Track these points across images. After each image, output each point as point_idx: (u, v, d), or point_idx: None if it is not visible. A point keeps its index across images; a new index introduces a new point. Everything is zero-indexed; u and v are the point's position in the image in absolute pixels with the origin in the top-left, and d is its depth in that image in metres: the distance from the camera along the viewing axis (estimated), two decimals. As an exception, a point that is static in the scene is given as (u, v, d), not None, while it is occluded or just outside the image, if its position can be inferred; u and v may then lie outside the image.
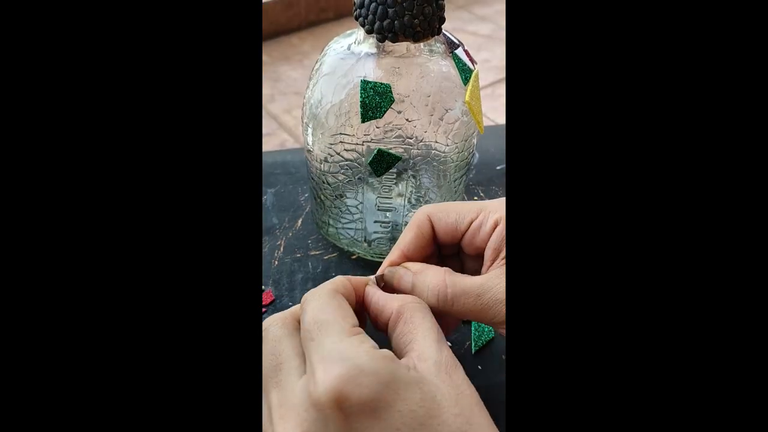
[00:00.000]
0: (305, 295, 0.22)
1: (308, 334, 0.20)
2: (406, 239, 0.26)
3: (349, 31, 0.34)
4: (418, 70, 0.31)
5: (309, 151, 0.35)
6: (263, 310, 0.38)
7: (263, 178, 0.49)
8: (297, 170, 0.50)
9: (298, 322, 0.22)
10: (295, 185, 0.48)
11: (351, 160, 0.34)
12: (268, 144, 1.32)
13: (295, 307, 0.24)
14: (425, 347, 0.20)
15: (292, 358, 0.20)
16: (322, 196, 0.37)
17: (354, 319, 0.21)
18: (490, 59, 1.70)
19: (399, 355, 0.21)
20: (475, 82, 0.32)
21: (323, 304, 0.21)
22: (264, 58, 1.73)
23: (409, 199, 0.37)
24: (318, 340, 0.19)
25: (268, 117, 1.43)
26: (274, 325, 0.22)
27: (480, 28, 1.96)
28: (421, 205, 0.38)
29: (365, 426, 0.17)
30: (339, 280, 0.24)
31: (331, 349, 0.19)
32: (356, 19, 0.30)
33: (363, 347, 0.19)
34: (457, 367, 0.20)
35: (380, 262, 0.40)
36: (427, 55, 0.32)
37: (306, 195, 0.47)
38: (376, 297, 0.23)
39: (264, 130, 1.37)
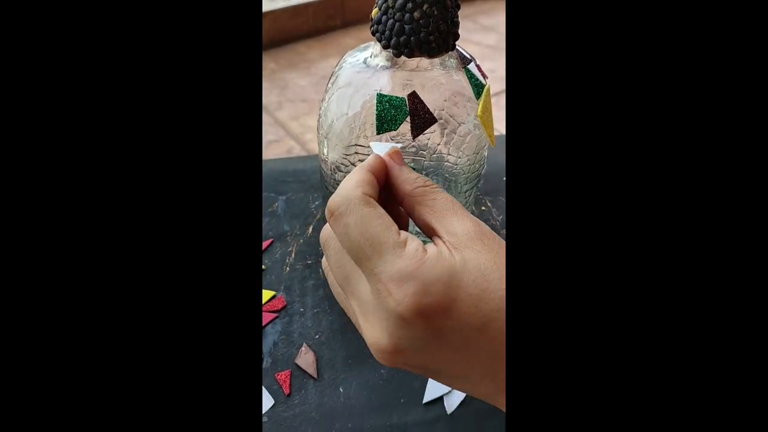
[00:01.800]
0: (333, 207, 0.22)
1: (361, 252, 0.21)
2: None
3: (363, 45, 0.35)
4: (431, 84, 0.32)
5: (324, 160, 0.36)
6: (275, 315, 0.38)
7: (275, 185, 0.50)
8: (308, 178, 0.51)
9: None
10: (306, 193, 0.49)
11: (365, 170, 0.35)
12: (275, 150, 1.33)
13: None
14: (449, 224, 0.22)
15: (354, 270, 0.23)
16: (334, 205, 0.38)
17: (392, 224, 0.22)
18: (496, 69, 1.72)
19: (429, 233, 0.23)
20: (487, 97, 0.33)
21: (364, 218, 0.22)
22: (271, 65, 1.74)
23: (420, 208, 0.38)
24: (374, 258, 0.21)
25: (276, 124, 1.44)
26: (332, 239, 0.24)
27: (485, 38, 1.98)
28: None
29: (442, 322, 0.20)
30: (362, 177, 0.23)
31: (394, 268, 0.21)
32: (373, 34, 0.31)
33: (419, 258, 0.21)
34: (483, 231, 0.22)
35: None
36: (440, 70, 0.32)
37: (317, 202, 0.48)
38: (391, 176, 0.25)
39: (271, 137, 1.38)
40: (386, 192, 0.25)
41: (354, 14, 2.03)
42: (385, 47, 0.31)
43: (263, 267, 0.42)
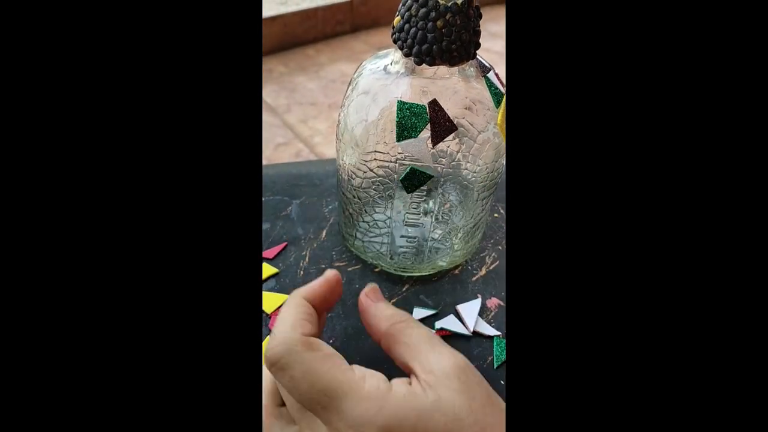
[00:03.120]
0: (273, 358, 0.20)
1: (315, 404, 0.20)
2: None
3: (383, 52, 0.35)
4: (448, 91, 0.32)
5: (341, 166, 0.36)
6: (289, 319, 0.38)
7: (288, 189, 0.50)
8: (321, 182, 0.51)
9: (278, 396, 0.22)
10: (319, 197, 0.49)
11: (383, 176, 0.35)
12: (284, 153, 1.33)
13: (267, 385, 0.23)
14: (426, 361, 0.21)
15: (306, 417, 0.21)
16: (351, 210, 0.38)
17: (344, 362, 0.21)
18: (502, 75, 1.72)
19: (407, 371, 0.22)
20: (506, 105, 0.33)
21: (310, 368, 0.20)
22: (280, 68, 1.75)
23: (437, 216, 0.38)
24: (330, 408, 0.19)
25: (284, 127, 1.44)
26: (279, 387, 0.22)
27: (492, 45, 1.98)
28: (447, 222, 0.39)
29: None
30: (297, 315, 0.22)
31: (354, 414, 0.19)
32: (395, 42, 0.31)
33: (381, 397, 0.19)
34: (462, 367, 0.21)
35: (402, 276, 0.41)
36: (458, 78, 0.33)
37: (330, 207, 0.48)
38: (368, 316, 0.25)
39: (280, 140, 1.39)
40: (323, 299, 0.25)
41: (363, 19, 2.03)
42: (406, 55, 0.31)
43: (277, 271, 0.42)
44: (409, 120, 0.31)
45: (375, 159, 0.34)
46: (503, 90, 0.34)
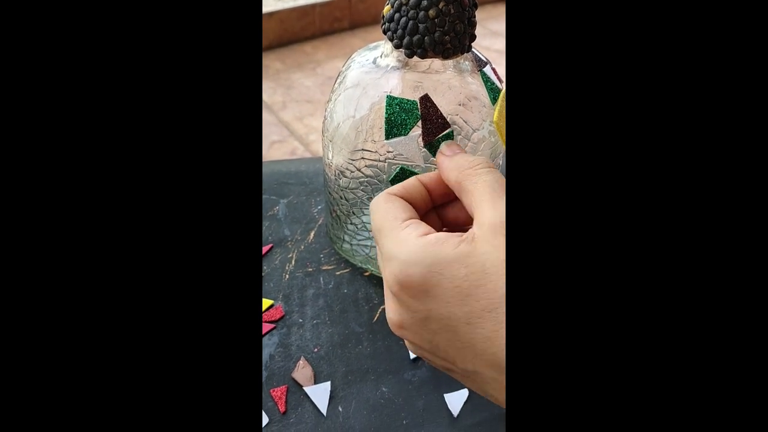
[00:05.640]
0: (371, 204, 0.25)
1: (375, 239, 0.24)
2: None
3: (374, 44, 0.33)
4: (443, 86, 0.30)
5: (328, 165, 0.34)
6: (272, 326, 0.36)
7: (276, 188, 0.48)
8: (311, 181, 0.49)
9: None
10: (308, 196, 0.47)
11: (371, 177, 0.33)
12: (279, 151, 1.32)
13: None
14: (481, 213, 0.22)
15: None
16: (338, 212, 0.36)
17: (405, 214, 0.23)
18: (502, 74, 1.70)
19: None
20: (503, 102, 0.31)
21: (378, 211, 0.24)
22: (277, 65, 1.73)
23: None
24: (380, 242, 0.23)
25: (280, 124, 1.42)
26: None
27: (493, 44, 1.97)
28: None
29: (423, 301, 0.21)
30: (402, 185, 0.25)
31: (387, 249, 0.22)
32: (384, 32, 0.29)
33: (410, 241, 0.22)
34: None
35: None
36: (453, 72, 0.31)
37: (319, 207, 0.46)
38: (442, 171, 0.25)
39: (275, 137, 1.37)
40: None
41: (361, 16, 2.01)
42: (396, 47, 0.29)
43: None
44: (399, 116, 0.29)
45: (363, 158, 0.32)
46: (500, 86, 0.32)
